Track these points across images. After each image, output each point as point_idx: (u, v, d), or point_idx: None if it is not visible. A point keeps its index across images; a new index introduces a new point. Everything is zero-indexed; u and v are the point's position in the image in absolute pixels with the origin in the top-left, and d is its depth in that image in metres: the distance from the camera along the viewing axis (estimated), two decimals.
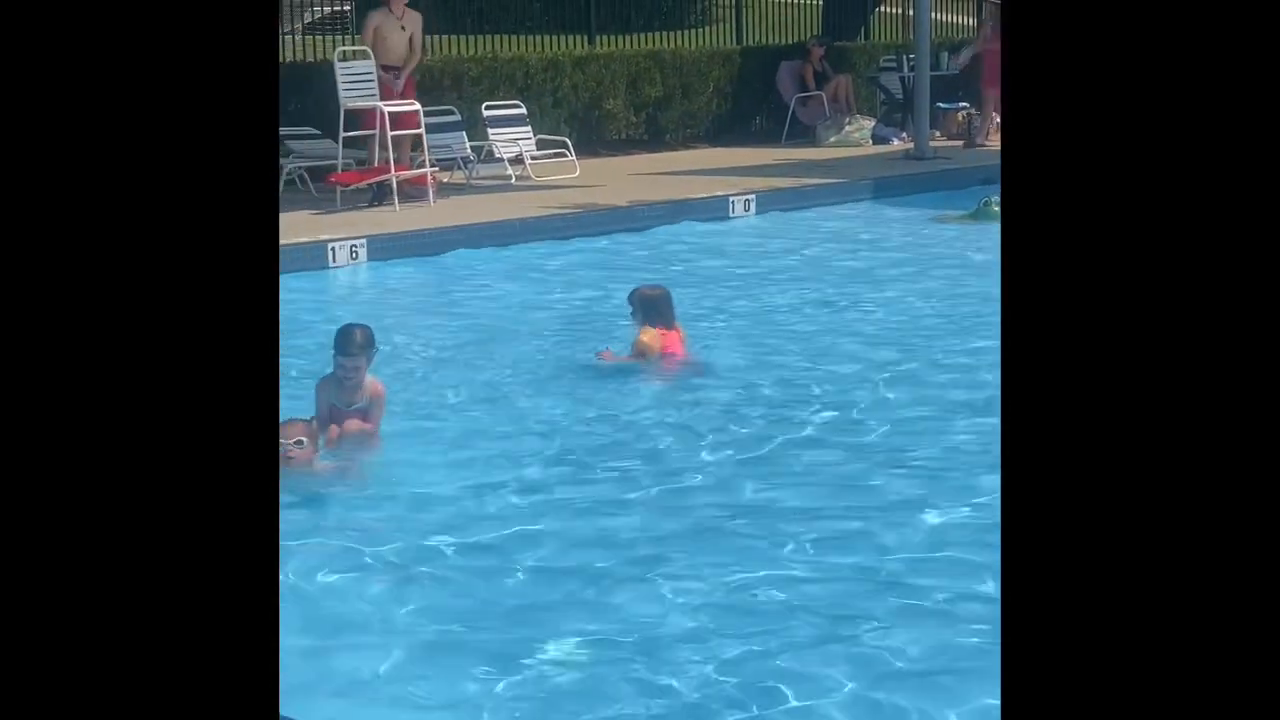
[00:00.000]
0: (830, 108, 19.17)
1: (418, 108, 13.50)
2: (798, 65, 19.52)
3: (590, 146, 17.08)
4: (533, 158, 15.23)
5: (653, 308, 7.87)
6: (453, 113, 15.01)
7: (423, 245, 11.81)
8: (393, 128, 13.20)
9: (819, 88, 19.29)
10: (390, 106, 13.25)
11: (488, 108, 15.45)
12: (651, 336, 7.75)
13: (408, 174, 13.48)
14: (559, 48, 18.37)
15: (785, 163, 16.66)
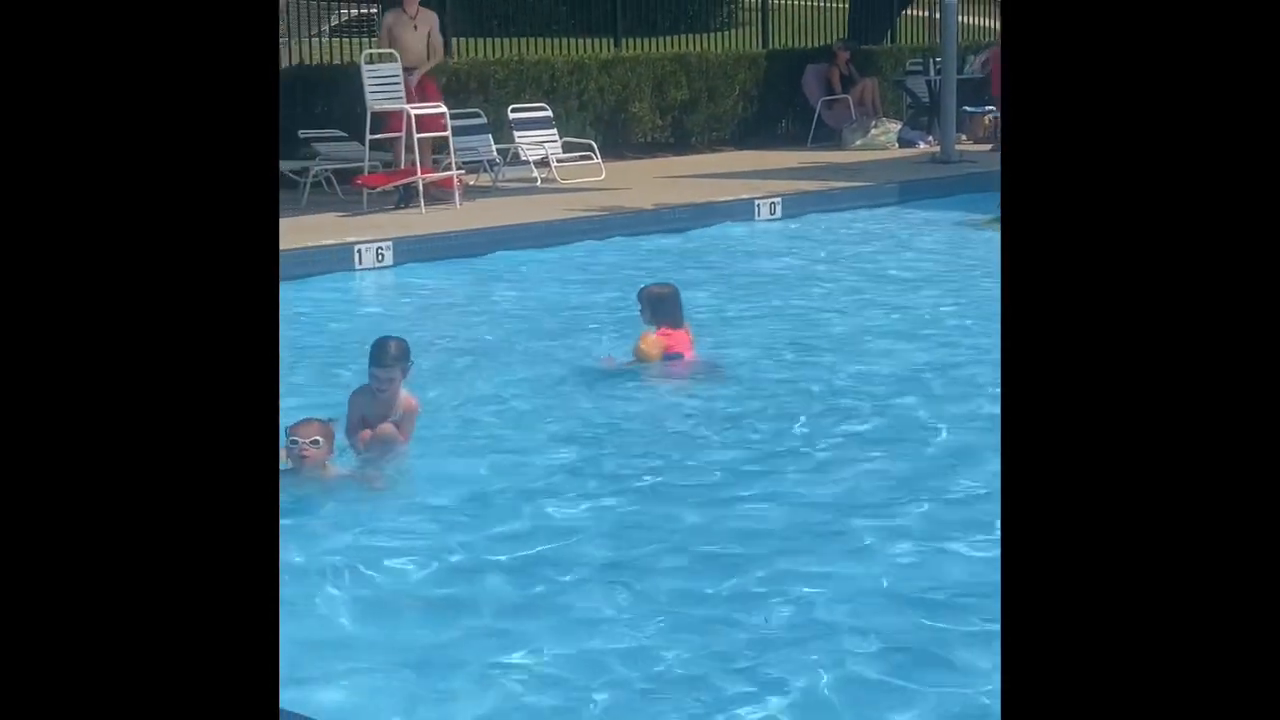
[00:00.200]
0: (856, 111, 19.15)
1: (443, 110, 13.52)
2: (824, 68, 19.51)
3: (616, 149, 17.10)
4: (558, 160, 15.25)
5: (661, 306, 7.85)
6: (479, 115, 15.04)
7: (449, 248, 11.83)
8: (416, 130, 13.22)
9: (845, 91, 19.27)
10: (417, 109, 13.27)
11: (514, 110, 15.47)
12: (651, 343, 7.73)
13: (434, 176, 13.50)
14: (585, 51, 18.39)
15: (811, 166, 16.65)
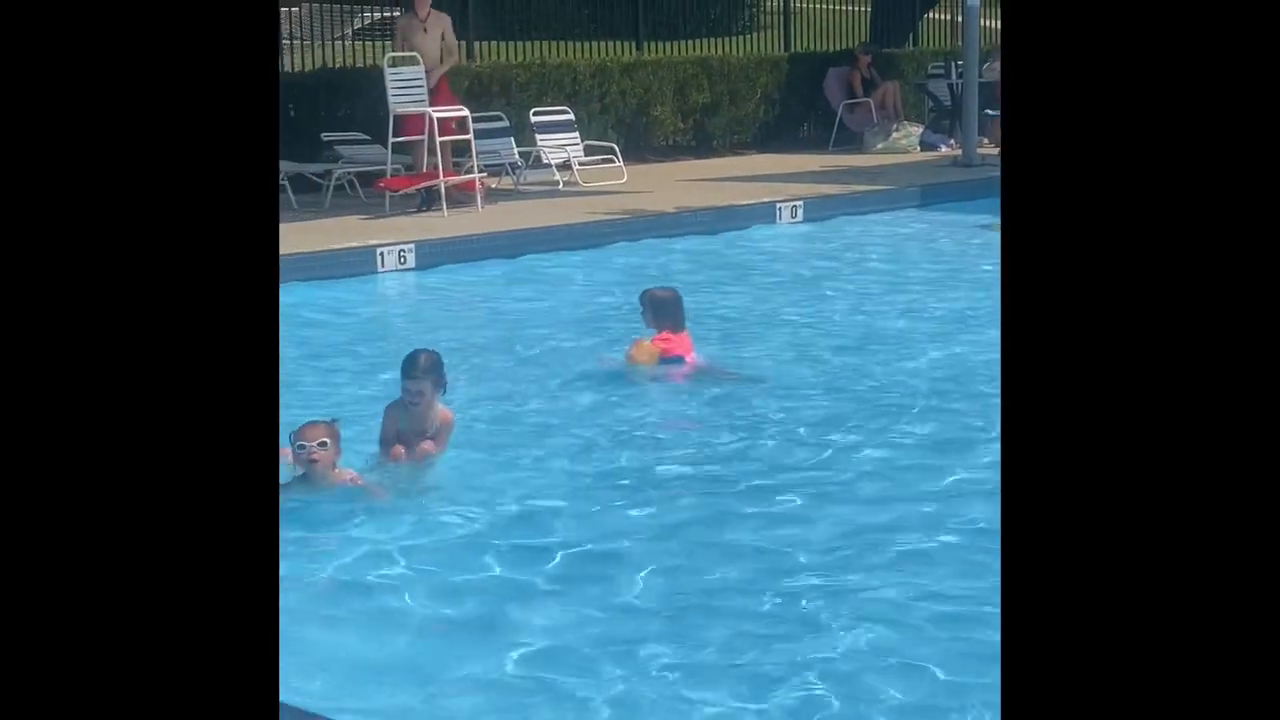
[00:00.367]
0: (878, 114, 19.12)
1: (465, 113, 13.54)
2: (845, 72, 19.49)
3: (638, 153, 17.11)
4: (580, 164, 15.26)
5: (662, 309, 7.85)
6: (501, 118, 15.06)
7: (470, 250, 11.85)
8: (415, 134, 13.25)
9: (867, 94, 19.25)
10: (439, 112, 13.29)
11: (536, 114, 15.49)
12: (643, 350, 7.73)
13: (456, 179, 13.52)
14: (607, 54, 18.40)
15: (832, 169, 16.63)
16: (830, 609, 4.73)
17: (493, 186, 14.51)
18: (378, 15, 22.36)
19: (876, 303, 10.09)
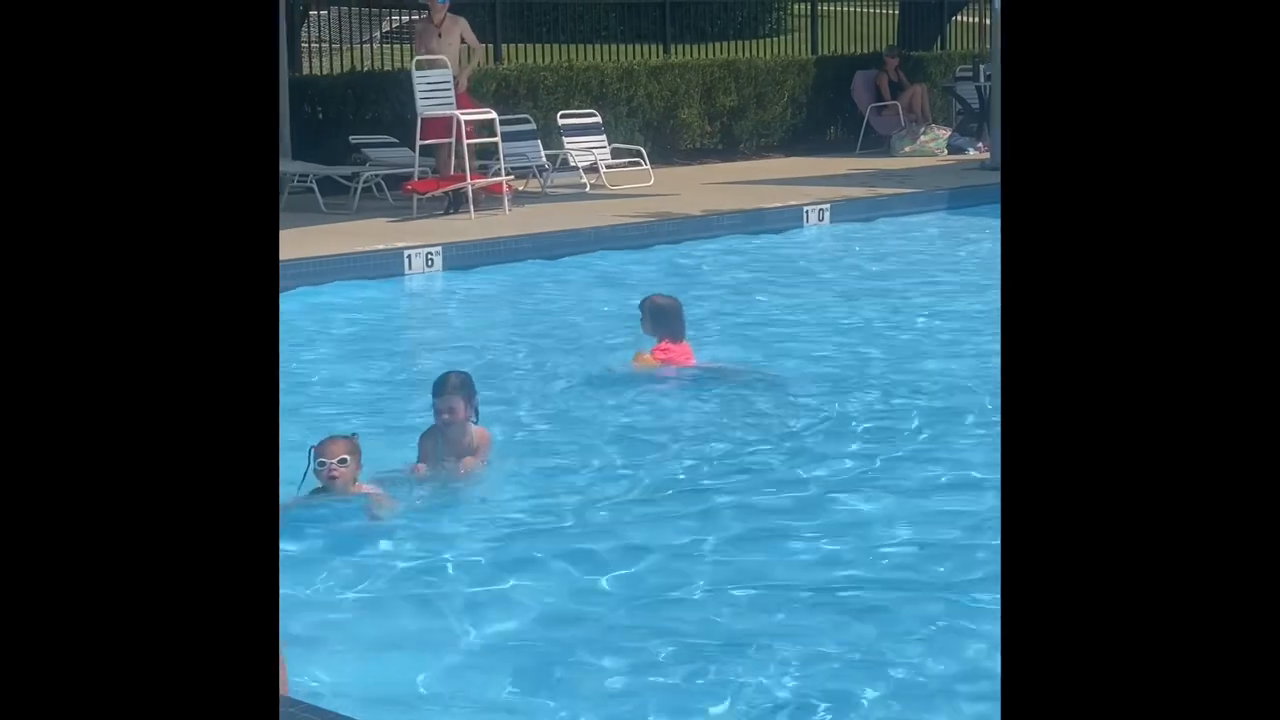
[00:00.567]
0: (905, 117, 19.11)
1: (492, 116, 13.57)
2: (873, 75, 19.48)
3: (665, 155, 17.12)
4: (607, 166, 15.28)
5: (662, 317, 7.80)
6: (528, 121, 15.09)
7: (498, 253, 11.87)
8: (448, 136, 13.30)
9: (894, 97, 19.23)
10: (467, 115, 13.32)
11: (563, 116, 15.52)
12: (644, 363, 7.71)
13: (484, 182, 13.55)
14: (634, 57, 18.42)
15: (860, 172, 16.62)
16: (886, 616, 4.74)
17: (520, 189, 14.53)
18: (405, 19, 22.42)
19: (904, 305, 10.07)
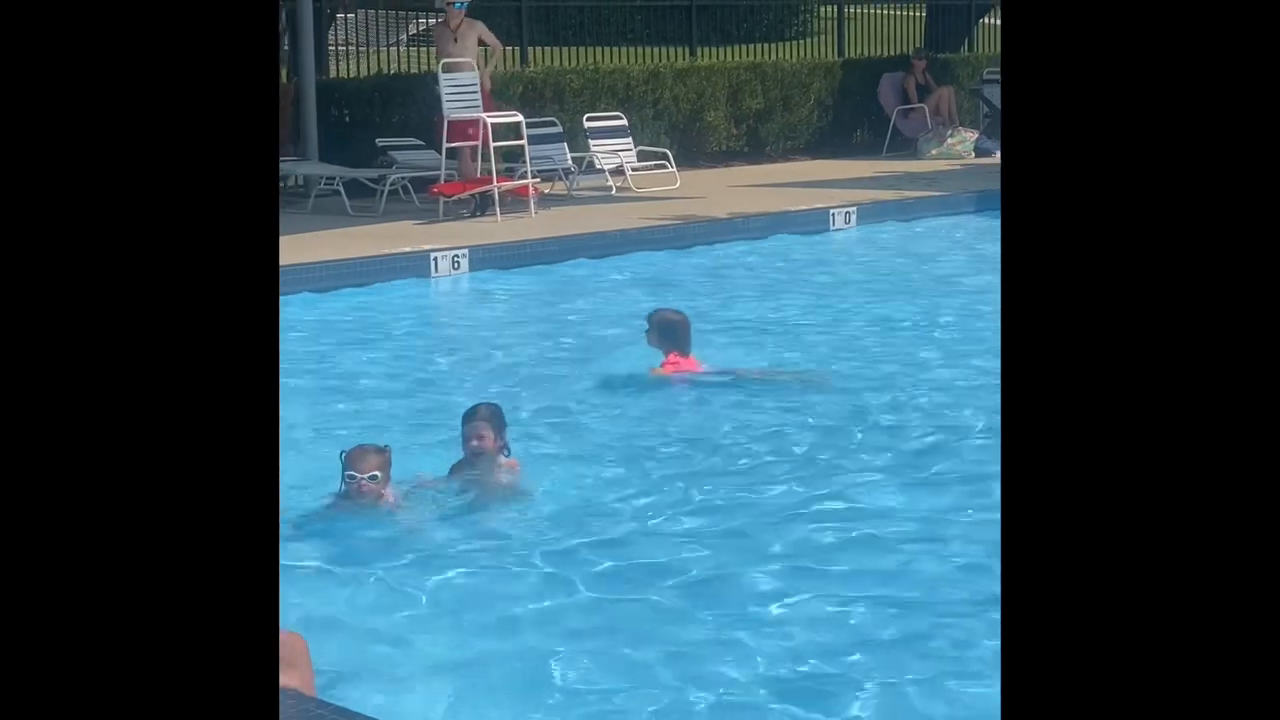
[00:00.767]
0: (932, 120, 19.07)
1: (518, 118, 13.58)
2: (900, 77, 19.45)
3: (691, 158, 17.11)
4: (633, 169, 15.28)
5: (669, 332, 7.75)
6: (554, 124, 15.10)
7: (524, 255, 11.88)
8: (463, 139, 13.31)
9: (921, 100, 19.20)
10: (493, 118, 13.33)
11: (589, 119, 15.52)
12: (655, 375, 7.69)
13: (510, 185, 13.56)
14: (660, 59, 18.42)
15: (886, 175, 16.59)
16: (905, 618, 4.72)
17: (546, 192, 14.54)
18: (431, 22, 22.47)
19: (930, 307, 10.04)
